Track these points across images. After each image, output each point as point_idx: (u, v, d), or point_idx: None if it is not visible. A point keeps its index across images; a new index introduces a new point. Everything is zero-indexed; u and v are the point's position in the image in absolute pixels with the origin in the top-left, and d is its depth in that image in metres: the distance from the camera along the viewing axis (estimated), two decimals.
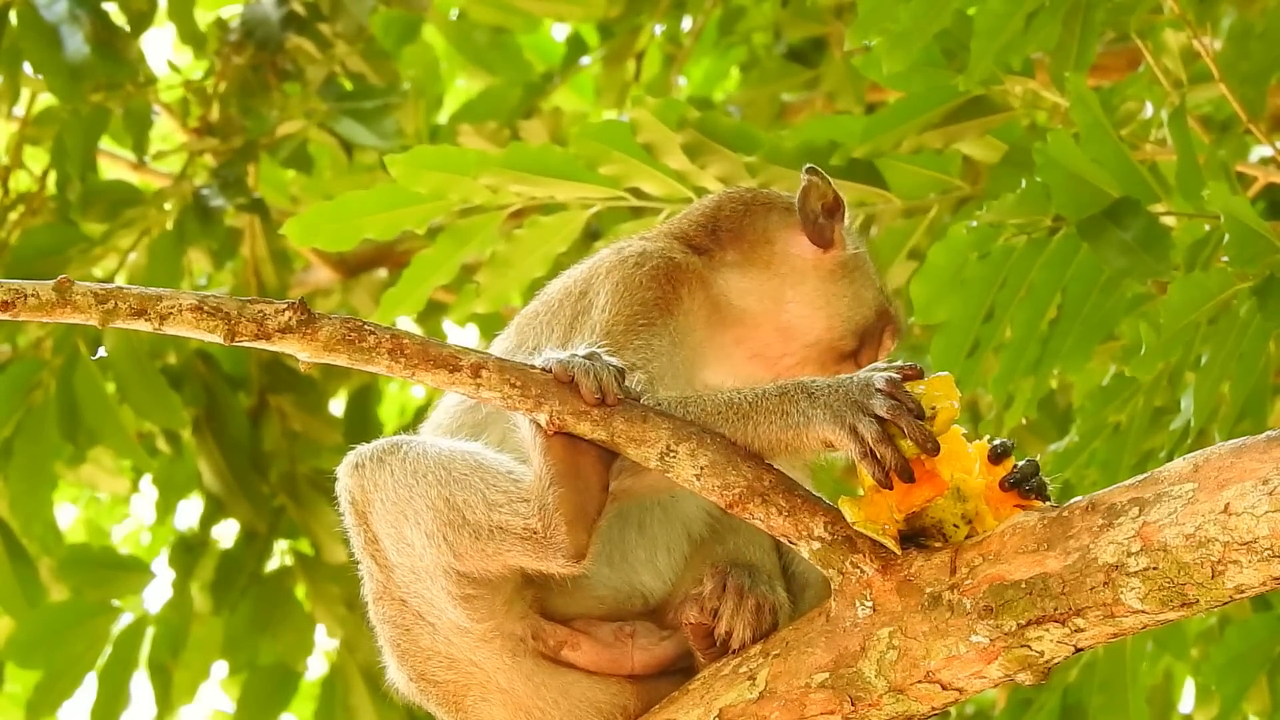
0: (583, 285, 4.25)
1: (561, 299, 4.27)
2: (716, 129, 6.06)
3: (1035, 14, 5.54)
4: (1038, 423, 7.63)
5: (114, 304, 3.74)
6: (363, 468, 4.01)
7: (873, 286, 4.39)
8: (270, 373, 8.55)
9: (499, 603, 3.99)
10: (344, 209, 6.07)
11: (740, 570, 3.98)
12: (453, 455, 3.95)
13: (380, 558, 4.02)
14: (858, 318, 4.33)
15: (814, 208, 4.32)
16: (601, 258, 4.31)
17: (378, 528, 4.00)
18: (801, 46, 9.24)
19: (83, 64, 7.88)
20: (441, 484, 3.91)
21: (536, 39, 10.30)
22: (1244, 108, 5.83)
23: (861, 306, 4.34)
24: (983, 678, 3.75)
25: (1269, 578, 3.57)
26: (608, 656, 4.02)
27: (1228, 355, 5.38)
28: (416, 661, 4.06)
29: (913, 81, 5.87)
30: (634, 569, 4.07)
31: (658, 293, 4.17)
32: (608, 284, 4.20)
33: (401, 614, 4.03)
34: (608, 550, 4.04)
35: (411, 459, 3.95)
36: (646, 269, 4.20)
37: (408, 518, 3.93)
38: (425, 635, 4.03)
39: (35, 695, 8.25)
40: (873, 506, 3.79)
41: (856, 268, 4.37)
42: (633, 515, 4.08)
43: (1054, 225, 5.54)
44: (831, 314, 4.31)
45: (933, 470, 3.77)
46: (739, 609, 3.92)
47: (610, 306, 4.15)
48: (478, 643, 3.99)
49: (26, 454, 7.73)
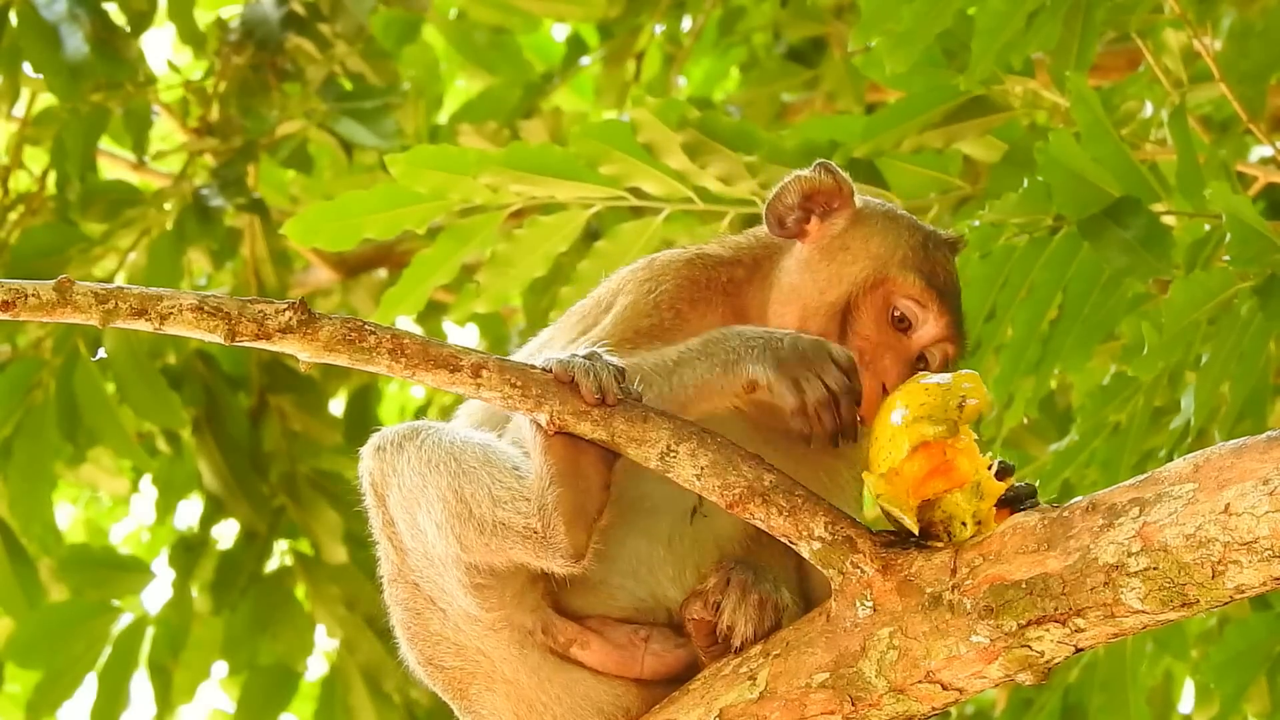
0: (611, 294, 4.27)
1: (591, 306, 4.28)
2: (717, 129, 6.06)
3: (1036, 14, 5.54)
4: (1038, 423, 7.63)
5: (115, 304, 3.73)
6: (384, 450, 4.01)
7: (863, 259, 4.15)
8: (270, 373, 8.55)
9: (509, 593, 3.99)
10: (344, 208, 6.07)
11: (744, 567, 3.97)
12: (465, 446, 3.95)
13: (396, 540, 4.04)
14: (830, 296, 4.12)
15: (787, 202, 4.19)
16: (633, 270, 4.30)
17: (394, 512, 4.01)
18: (801, 46, 9.25)
19: (82, 63, 7.88)
20: (452, 475, 3.92)
21: (536, 39, 10.31)
22: (1244, 107, 5.84)
23: (837, 284, 4.12)
24: (983, 678, 3.75)
25: (1269, 578, 3.57)
26: (617, 659, 4.01)
27: (1228, 355, 5.38)
28: (425, 646, 4.07)
29: (913, 81, 5.87)
30: (660, 584, 4.05)
31: (660, 319, 4.15)
32: (621, 299, 4.21)
33: (414, 598, 4.05)
34: (634, 565, 4.03)
35: (427, 447, 3.96)
36: (659, 292, 4.18)
37: (421, 506, 3.95)
38: (435, 620, 4.04)
39: (35, 695, 8.25)
40: (891, 486, 3.77)
41: (840, 247, 4.17)
42: (661, 532, 4.06)
43: (1055, 225, 5.54)
44: (802, 302, 4.14)
45: (951, 462, 3.76)
46: (741, 603, 3.92)
47: (616, 320, 4.16)
48: (486, 631, 4.00)
49: (26, 454, 7.73)
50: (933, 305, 4.11)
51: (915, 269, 4.12)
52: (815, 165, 4.23)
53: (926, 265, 4.14)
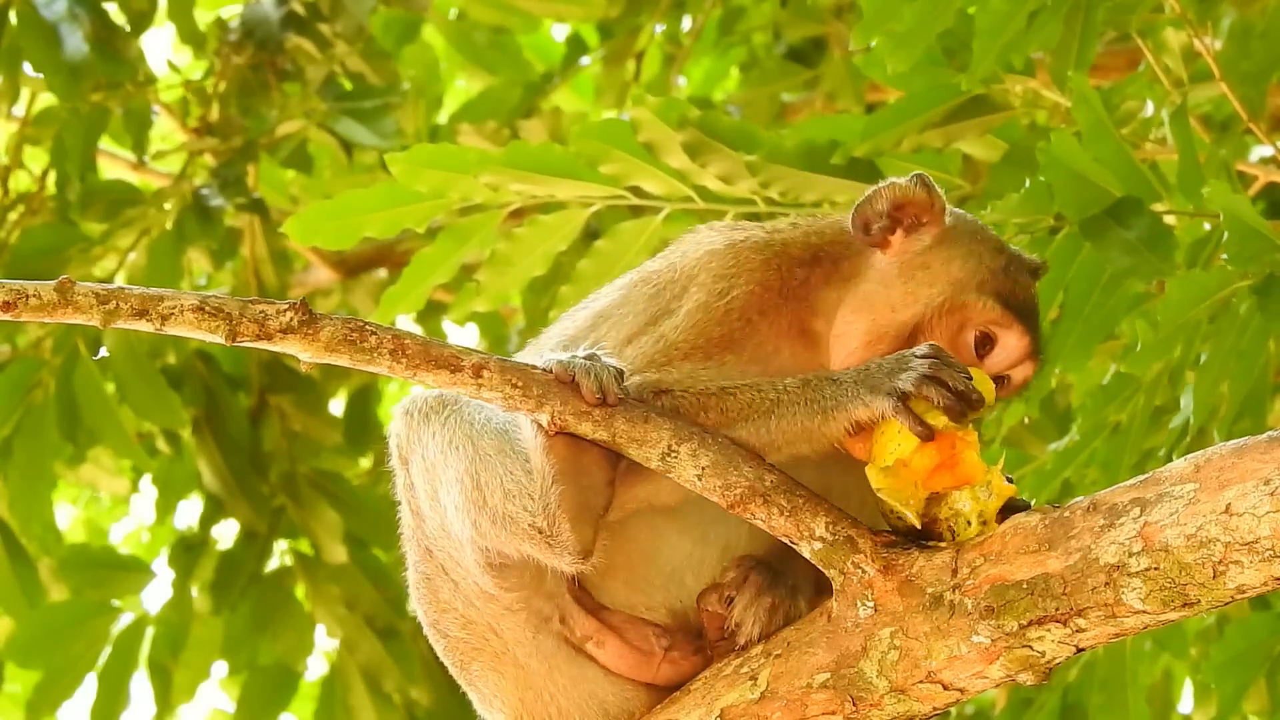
0: (680, 284, 4.16)
1: (667, 283, 4.17)
2: (717, 128, 6.06)
3: (1037, 13, 5.54)
4: (1038, 423, 7.63)
5: (116, 304, 3.73)
6: (411, 416, 4.02)
7: (942, 282, 4.07)
8: (270, 373, 8.55)
9: (529, 575, 3.99)
10: (344, 208, 6.07)
11: (765, 567, 3.97)
12: (484, 431, 3.95)
13: (414, 504, 4.05)
14: (903, 316, 4.05)
15: (877, 208, 4.11)
16: (711, 253, 4.17)
17: (415, 479, 4.03)
18: (801, 46, 9.25)
19: (82, 63, 7.88)
20: (469, 460, 3.93)
21: (536, 39, 10.30)
22: (1244, 107, 5.83)
23: (911, 304, 4.05)
24: (984, 678, 3.76)
25: (1270, 578, 3.57)
26: (632, 661, 4.01)
27: (1227, 354, 5.37)
28: (432, 610, 4.07)
29: (914, 81, 5.86)
30: (687, 586, 4.05)
31: (730, 329, 4.07)
32: (694, 293, 4.11)
33: (425, 562, 4.06)
34: (663, 580, 4.03)
35: (450, 424, 3.96)
36: (731, 298, 4.08)
37: (442, 483, 3.96)
38: (445, 589, 4.04)
39: (35, 695, 8.25)
40: (896, 479, 3.76)
41: (920, 265, 4.09)
42: (689, 563, 4.04)
43: (1056, 225, 5.54)
44: (873, 316, 4.07)
45: (959, 455, 3.75)
46: (753, 603, 3.92)
47: (687, 324, 4.07)
48: (502, 611, 4.00)
49: (26, 454, 7.73)
50: (1014, 327, 4.08)
51: (994, 293, 4.07)
52: (912, 176, 4.14)
53: (1006, 287, 4.08)
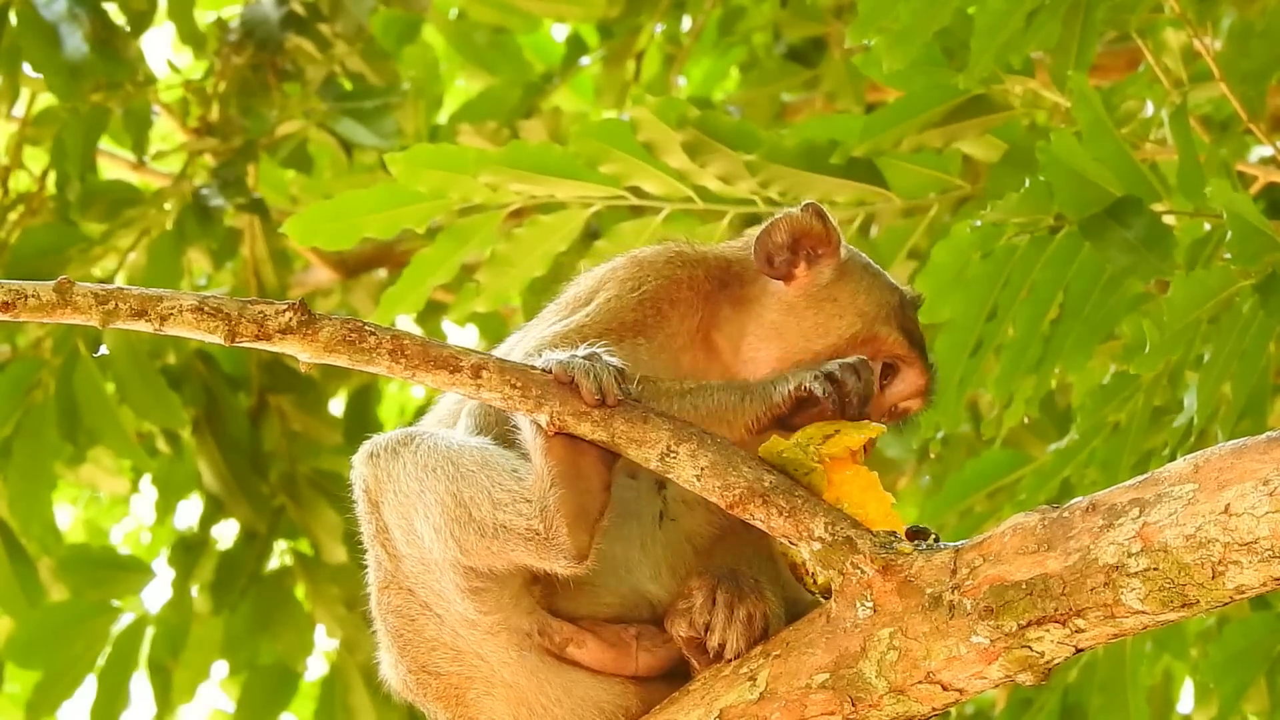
0: (590, 291, 4.30)
1: (570, 300, 4.32)
2: (717, 128, 6.06)
3: (1036, 13, 5.54)
4: (1038, 423, 7.64)
5: (115, 305, 3.73)
6: (377, 457, 4.02)
7: (851, 314, 4.23)
8: (270, 373, 8.55)
9: (507, 597, 3.99)
10: (344, 208, 6.07)
11: (729, 581, 3.98)
12: (461, 450, 3.95)
13: (390, 547, 4.03)
14: (816, 346, 4.18)
15: (777, 241, 4.23)
16: (614, 267, 4.34)
17: (389, 518, 4.01)
18: (801, 46, 9.25)
19: (82, 63, 7.88)
20: (450, 479, 3.92)
21: (536, 39, 10.31)
22: (1244, 107, 5.83)
23: (824, 335, 4.20)
24: (983, 678, 3.75)
25: (1269, 578, 3.57)
26: (612, 656, 4.02)
27: (1229, 354, 5.37)
28: (420, 653, 4.06)
29: (913, 80, 5.87)
30: (640, 582, 4.08)
31: (643, 314, 4.20)
32: (603, 294, 4.24)
33: (408, 603, 4.04)
34: (613, 564, 4.04)
35: (424, 452, 3.96)
36: (641, 291, 4.22)
37: (418, 511, 3.94)
38: (431, 625, 4.03)
39: (35, 695, 8.26)
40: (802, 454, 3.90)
41: (827, 298, 4.23)
42: (634, 537, 4.07)
43: (1056, 224, 5.54)
44: (785, 345, 4.20)
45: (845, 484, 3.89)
46: (730, 621, 3.93)
47: (598, 313, 4.19)
48: (484, 635, 4.00)
49: (26, 454, 7.74)
50: (916, 363, 4.24)
51: (899, 327, 4.24)
52: (805, 206, 4.28)
53: (907, 323, 4.26)
